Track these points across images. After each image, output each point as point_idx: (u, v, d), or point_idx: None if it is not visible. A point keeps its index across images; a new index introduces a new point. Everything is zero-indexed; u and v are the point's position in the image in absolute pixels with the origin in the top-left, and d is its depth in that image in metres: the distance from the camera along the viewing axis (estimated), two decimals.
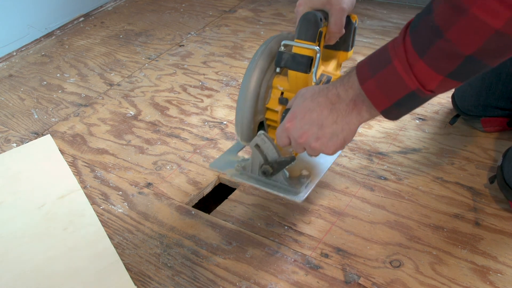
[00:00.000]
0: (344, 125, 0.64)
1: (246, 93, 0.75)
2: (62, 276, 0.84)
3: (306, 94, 0.68)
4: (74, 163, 1.10)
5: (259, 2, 1.76)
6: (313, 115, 0.65)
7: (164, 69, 1.43)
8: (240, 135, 0.79)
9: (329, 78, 0.79)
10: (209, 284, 0.80)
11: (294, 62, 0.72)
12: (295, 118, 0.68)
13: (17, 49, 1.64)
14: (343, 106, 0.63)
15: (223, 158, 0.88)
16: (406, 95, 0.57)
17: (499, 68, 0.95)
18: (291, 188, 0.77)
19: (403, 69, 0.56)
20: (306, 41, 0.71)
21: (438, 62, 0.54)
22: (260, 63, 0.75)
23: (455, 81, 0.56)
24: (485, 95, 0.99)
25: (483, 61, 0.53)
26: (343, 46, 0.83)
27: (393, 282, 0.77)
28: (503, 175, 0.85)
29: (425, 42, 0.54)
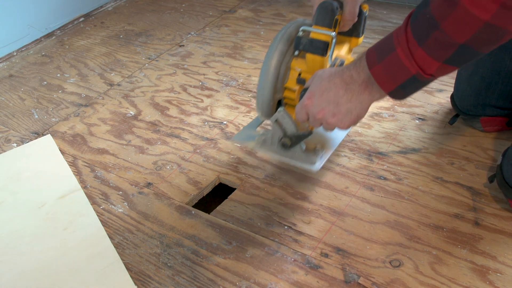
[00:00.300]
0: (357, 103, 0.71)
1: (267, 74, 0.83)
2: (62, 276, 0.84)
3: (323, 75, 0.74)
4: (74, 163, 1.10)
5: (259, 2, 1.76)
6: (330, 94, 0.72)
7: (164, 69, 1.43)
8: (260, 112, 0.87)
9: (342, 61, 0.85)
10: (209, 283, 0.80)
11: (312, 46, 0.79)
12: (313, 96, 0.74)
13: (18, 49, 1.64)
14: (356, 87, 0.70)
15: (244, 132, 0.97)
16: (409, 79, 0.63)
17: (499, 67, 0.95)
18: (307, 158, 0.86)
19: (405, 56, 0.62)
20: (323, 27, 0.78)
21: (436, 50, 0.59)
22: (280, 47, 0.82)
23: (452, 66, 0.62)
24: (485, 94, 0.99)
25: (476, 49, 0.59)
26: (354, 33, 0.90)
27: (393, 282, 0.77)
28: (502, 174, 0.85)
29: (424, 32, 0.59)
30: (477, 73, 0.98)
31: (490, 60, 0.96)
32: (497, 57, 0.95)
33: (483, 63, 0.97)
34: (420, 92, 1.19)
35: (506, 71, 0.95)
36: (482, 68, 0.97)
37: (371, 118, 1.12)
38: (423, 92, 1.18)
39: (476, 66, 0.98)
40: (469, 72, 1.00)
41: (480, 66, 0.97)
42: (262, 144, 0.89)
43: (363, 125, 1.10)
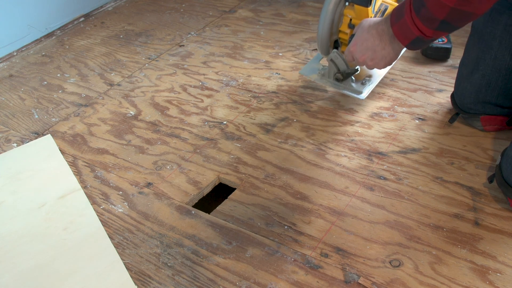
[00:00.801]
0: (390, 50, 0.90)
1: (324, 19, 1.03)
2: (62, 276, 0.84)
3: (364, 26, 0.92)
4: (74, 163, 1.10)
5: (259, 2, 1.76)
6: (368, 43, 0.91)
7: (164, 69, 1.43)
8: (320, 50, 1.09)
9: (386, 7, 1.04)
10: (209, 283, 0.80)
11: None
12: (356, 44, 0.94)
13: (18, 49, 1.64)
14: (388, 37, 0.88)
15: (309, 65, 1.19)
16: (415, 38, 0.82)
17: (499, 65, 0.95)
18: (356, 89, 1.09)
19: (410, 21, 0.80)
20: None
21: (426, 21, 0.78)
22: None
23: (443, 32, 0.80)
24: (485, 92, 0.99)
25: (453, 24, 0.77)
26: None
27: (392, 282, 0.77)
28: (501, 173, 0.85)
29: (418, 7, 0.78)
30: (477, 70, 0.98)
31: (491, 58, 0.96)
32: (497, 54, 0.95)
33: (483, 60, 0.97)
34: (420, 92, 1.20)
35: (506, 69, 0.95)
36: (483, 66, 0.97)
37: (371, 118, 1.12)
38: (423, 92, 1.18)
39: (477, 64, 0.98)
40: (470, 69, 1.00)
41: (480, 64, 0.97)
42: (322, 77, 1.13)
43: (363, 125, 1.10)
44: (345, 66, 1.06)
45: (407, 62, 1.31)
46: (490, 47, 0.96)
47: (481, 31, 0.97)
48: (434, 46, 1.27)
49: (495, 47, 0.95)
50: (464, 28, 1.45)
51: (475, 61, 0.98)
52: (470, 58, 1.00)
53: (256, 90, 1.28)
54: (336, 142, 1.06)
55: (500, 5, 0.93)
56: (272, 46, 1.47)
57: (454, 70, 1.24)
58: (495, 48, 0.95)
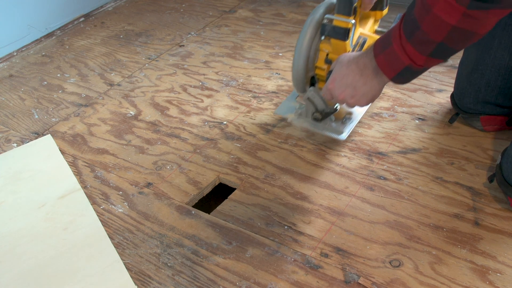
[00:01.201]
0: (371, 86, 0.82)
1: (299, 54, 0.95)
2: (62, 276, 0.84)
3: (343, 61, 0.85)
4: (74, 163, 1.10)
5: (259, 2, 1.76)
6: (348, 80, 0.84)
7: (164, 69, 1.43)
8: (296, 87, 1.00)
9: (364, 40, 0.96)
10: (209, 283, 0.80)
11: (335, 32, 0.89)
12: (335, 80, 0.86)
13: (18, 49, 1.64)
14: (370, 72, 0.80)
15: (285, 104, 1.10)
16: (404, 68, 0.74)
17: (499, 64, 0.95)
18: (336, 129, 1.01)
19: (399, 50, 0.73)
20: (343, 15, 0.88)
21: (420, 46, 0.70)
22: (309, 32, 0.93)
23: (437, 59, 0.72)
24: (484, 92, 0.99)
25: (451, 46, 0.69)
26: (378, 7, 1.01)
27: (392, 282, 0.77)
28: (502, 173, 0.85)
29: (410, 30, 0.70)
30: (477, 70, 0.98)
31: (490, 58, 0.96)
32: (496, 54, 0.95)
33: (483, 60, 0.97)
34: (420, 92, 1.19)
35: (506, 68, 0.95)
36: (482, 66, 0.97)
37: (371, 118, 1.12)
38: (423, 92, 1.18)
39: (476, 64, 0.98)
40: (469, 69, 1.00)
41: (480, 64, 0.97)
42: (299, 116, 1.04)
43: (363, 125, 1.10)
44: (324, 104, 0.98)
45: None
46: (489, 47, 0.95)
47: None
48: None
49: (495, 46, 0.95)
50: None
51: (475, 61, 0.98)
52: (469, 58, 1.00)
53: (256, 90, 1.28)
54: (336, 142, 1.06)
55: None
56: (272, 46, 1.47)
57: (454, 70, 1.24)
58: (495, 47, 0.95)
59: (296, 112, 1.05)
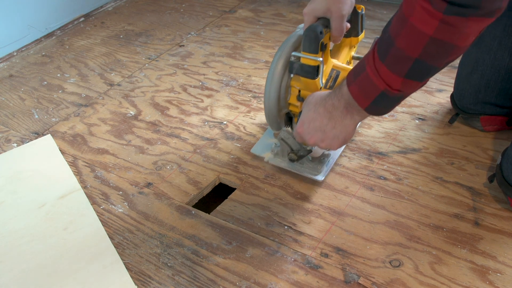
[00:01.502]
0: (342, 128, 0.78)
1: (269, 93, 0.90)
2: (62, 276, 0.84)
3: (310, 104, 0.81)
4: (74, 163, 1.10)
5: (259, 2, 1.76)
6: (316, 124, 0.79)
7: (164, 69, 1.43)
8: (270, 126, 0.96)
9: (338, 73, 0.91)
10: (209, 283, 0.80)
11: (303, 70, 0.85)
12: (303, 125, 0.82)
13: (18, 49, 1.64)
14: (338, 113, 0.76)
15: (261, 142, 1.05)
16: (379, 94, 0.69)
17: (499, 65, 0.95)
18: (314, 169, 0.95)
19: (373, 73, 0.68)
20: (310, 53, 0.83)
21: (395, 65, 0.65)
22: (278, 70, 0.88)
23: (414, 81, 0.67)
24: (484, 92, 0.99)
25: (430, 63, 0.64)
26: (353, 33, 0.97)
27: (392, 282, 0.77)
28: (502, 173, 0.85)
29: (384, 50, 0.66)
30: (476, 71, 0.98)
31: (490, 58, 0.96)
32: (496, 54, 0.95)
33: (482, 61, 0.97)
34: (420, 92, 1.19)
35: (506, 69, 0.95)
36: (482, 66, 0.97)
37: (371, 118, 1.12)
38: (423, 92, 1.18)
39: (476, 64, 0.98)
40: (469, 70, 1.00)
41: (479, 64, 0.97)
42: (275, 156, 0.99)
43: (363, 125, 1.10)
44: (298, 145, 0.92)
45: None
46: (489, 47, 0.95)
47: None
48: None
49: (495, 47, 0.95)
50: None
51: (474, 62, 0.98)
52: (469, 59, 1.00)
53: (256, 90, 1.28)
54: None
55: None
56: (272, 46, 1.47)
57: (454, 70, 1.23)
58: (495, 48, 0.95)
59: (272, 150, 0.99)
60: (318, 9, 0.84)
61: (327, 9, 0.83)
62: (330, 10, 0.83)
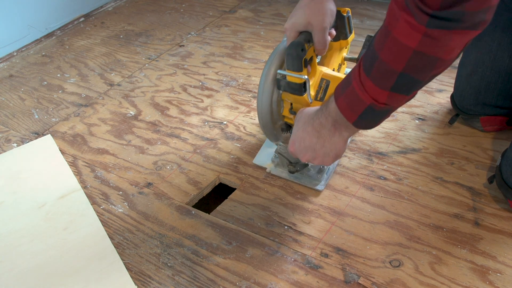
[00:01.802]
0: (331, 145, 0.77)
1: (261, 111, 0.90)
2: (62, 276, 0.84)
3: (299, 122, 0.81)
4: (74, 163, 1.10)
5: (259, 3, 1.76)
6: (306, 143, 0.79)
7: (164, 69, 1.43)
8: (268, 138, 0.96)
9: (328, 83, 0.89)
10: (209, 283, 0.80)
11: (290, 88, 0.85)
12: (294, 144, 0.82)
13: (18, 49, 1.64)
14: (326, 132, 0.76)
15: (263, 152, 1.05)
16: (365, 109, 0.68)
17: (499, 66, 0.95)
18: (314, 178, 0.96)
19: (359, 88, 0.67)
20: (295, 72, 0.83)
21: (380, 79, 0.64)
22: (266, 87, 0.88)
23: (400, 95, 0.66)
24: (484, 93, 0.99)
25: (415, 76, 0.62)
26: (341, 36, 0.96)
27: (392, 282, 0.77)
28: (501, 175, 0.85)
29: (369, 64, 0.65)
30: (476, 72, 0.98)
31: (490, 59, 0.96)
32: (496, 56, 0.95)
33: (482, 62, 0.97)
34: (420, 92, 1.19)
35: (506, 70, 0.95)
36: (482, 67, 0.97)
37: None
38: (423, 92, 1.18)
39: (476, 65, 0.98)
40: (469, 71, 1.00)
41: (479, 65, 0.97)
42: (276, 166, 1.00)
43: None
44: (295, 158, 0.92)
45: None
46: (489, 48, 0.95)
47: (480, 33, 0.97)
48: None
49: (494, 48, 0.95)
50: None
51: (474, 63, 0.98)
52: (469, 60, 1.00)
53: (256, 90, 1.27)
54: None
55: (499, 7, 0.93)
56: (272, 46, 1.47)
57: (454, 70, 1.23)
58: (494, 49, 0.95)
59: (273, 161, 1.00)
60: (299, 23, 0.83)
61: (308, 22, 0.82)
62: (310, 23, 0.82)
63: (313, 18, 0.81)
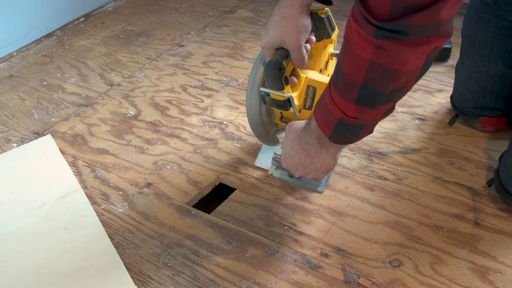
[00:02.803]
0: (320, 161, 0.79)
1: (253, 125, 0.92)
2: (62, 276, 0.84)
3: (288, 139, 0.82)
4: (74, 163, 1.10)
5: (259, 3, 1.76)
6: (296, 160, 0.81)
7: (164, 69, 1.43)
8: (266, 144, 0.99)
9: (314, 90, 0.87)
10: (209, 283, 0.80)
11: (275, 104, 0.86)
12: (285, 160, 0.84)
13: (18, 49, 1.64)
14: (313, 150, 0.77)
15: (263, 154, 1.04)
16: (337, 122, 0.68)
17: (493, 72, 0.95)
18: (313, 181, 0.96)
19: (329, 101, 0.67)
20: (276, 90, 0.83)
21: (345, 92, 0.64)
22: (254, 102, 0.89)
23: (367, 108, 0.65)
24: (482, 98, 0.99)
25: (376, 89, 0.62)
26: (324, 36, 0.92)
27: (392, 282, 0.77)
28: (499, 179, 0.85)
29: (335, 77, 0.65)
30: (472, 77, 0.98)
31: (484, 65, 0.96)
32: (490, 61, 0.95)
33: (477, 67, 0.97)
34: (420, 92, 1.20)
35: (500, 75, 0.95)
36: (477, 73, 0.97)
37: None
38: (423, 92, 1.18)
39: (471, 71, 0.98)
40: (465, 76, 1.00)
41: (474, 71, 0.97)
42: (277, 168, 1.00)
43: None
44: None
45: None
46: (482, 54, 0.95)
47: (471, 38, 0.96)
48: None
49: (487, 54, 0.95)
50: None
51: (469, 68, 0.98)
52: (464, 65, 1.00)
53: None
54: None
55: (487, 13, 0.92)
56: None
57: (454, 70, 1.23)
58: (487, 55, 0.95)
59: (273, 164, 1.00)
60: (273, 42, 0.81)
61: (281, 41, 0.81)
62: (284, 42, 0.81)
63: (286, 37, 0.80)
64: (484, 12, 0.92)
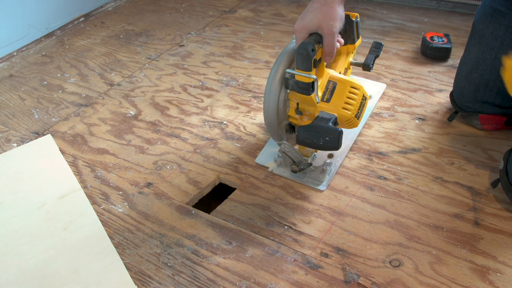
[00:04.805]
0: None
1: (268, 109, 0.91)
2: (62, 276, 0.84)
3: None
4: (74, 163, 1.10)
5: (259, 2, 1.76)
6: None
7: (164, 69, 1.43)
8: (272, 138, 0.97)
9: (334, 85, 0.90)
10: (209, 283, 0.80)
11: (298, 87, 0.86)
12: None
13: (18, 49, 1.64)
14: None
15: (265, 151, 1.05)
16: None
17: (499, 65, 0.95)
18: (316, 178, 0.96)
19: None
20: (304, 71, 0.84)
21: None
22: (274, 86, 0.89)
23: None
24: (483, 92, 0.99)
25: None
26: (349, 41, 0.98)
27: (392, 282, 0.77)
28: (508, 178, 0.84)
29: None
30: (477, 69, 0.98)
31: (491, 58, 0.96)
32: (498, 54, 0.95)
33: (483, 60, 0.97)
34: (420, 92, 1.19)
35: None
36: (482, 65, 0.97)
37: (371, 118, 1.12)
38: (423, 92, 1.18)
39: (477, 63, 0.98)
40: (469, 69, 1.00)
41: (480, 63, 0.98)
42: (279, 165, 1.00)
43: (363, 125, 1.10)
44: (300, 157, 0.94)
45: (407, 62, 1.31)
46: (491, 47, 0.96)
47: (482, 31, 0.97)
48: (434, 46, 1.27)
49: (497, 47, 0.95)
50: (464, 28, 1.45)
51: (475, 61, 0.99)
52: (470, 57, 1.00)
53: (256, 90, 1.28)
54: None
55: (503, 6, 0.93)
56: (272, 46, 1.47)
57: (454, 70, 1.23)
58: (496, 48, 0.95)
59: (275, 161, 1.00)
60: (309, 26, 0.85)
61: (318, 26, 0.84)
62: (321, 27, 0.84)
63: (324, 22, 0.83)
64: (500, 5, 0.93)
